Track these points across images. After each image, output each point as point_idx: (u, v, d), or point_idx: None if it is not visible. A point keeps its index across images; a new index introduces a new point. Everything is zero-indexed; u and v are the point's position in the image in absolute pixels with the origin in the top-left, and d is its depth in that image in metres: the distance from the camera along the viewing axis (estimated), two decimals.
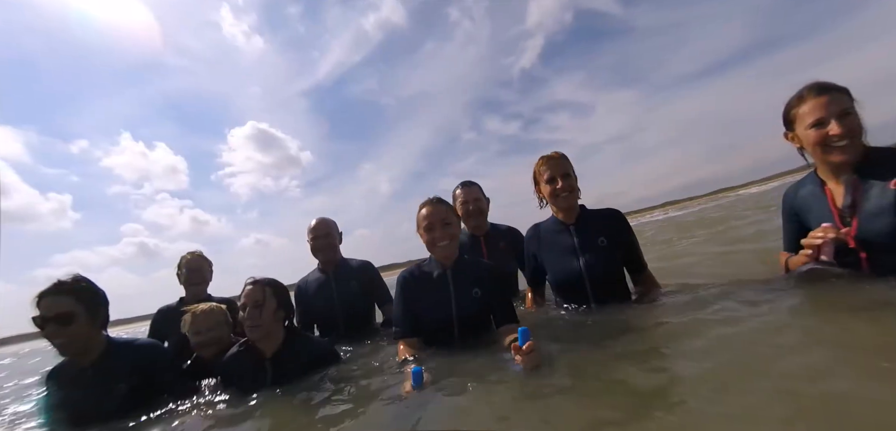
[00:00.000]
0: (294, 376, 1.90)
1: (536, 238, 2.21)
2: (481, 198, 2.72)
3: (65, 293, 1.75)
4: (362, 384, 1.93)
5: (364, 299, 2.84)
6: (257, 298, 1.88)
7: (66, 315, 1.73)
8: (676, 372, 1.32)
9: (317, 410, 1.62)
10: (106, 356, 1.87)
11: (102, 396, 1.82)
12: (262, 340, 1.92)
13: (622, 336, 1.69)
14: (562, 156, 2.06)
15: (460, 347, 1.92)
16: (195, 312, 2.27)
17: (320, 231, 2.80)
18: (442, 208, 1.98)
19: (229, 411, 1.82)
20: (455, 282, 1.96)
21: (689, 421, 1.02)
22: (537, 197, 2.17)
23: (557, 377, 1.45)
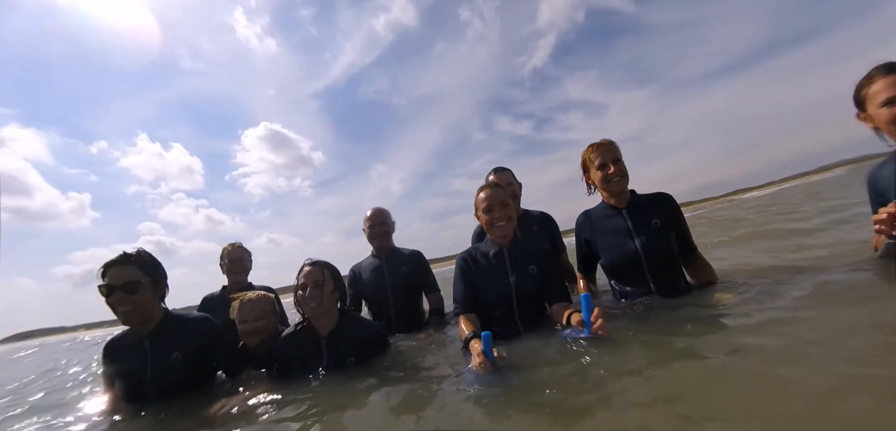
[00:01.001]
0: (348, 355, 1.96)
1: (588, 223, 2.24)
2: (514, 183, 2.81)
3: (131, 263, 1.86)
4: (421, 364, 2.03)
5: (414, 285, 2.96)
6: (317, 278, 1.96)
7: (132, 283, 1.83)
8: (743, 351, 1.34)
9: (377, 391, 1.67)
10: (162, 327, 1.95)
11: (159, 366, 1.89)
12: (320, 319, 2.00)
13: (687, 321, 1.71)
14: (611, 142, 2.11)
15: (520, 323, 2.01)
16: (243, 300, 2.32)
17: (377, 219, 2.95)
18: (500, 191, 2.09)
19: (284, 391, 1.89)
20: (512, 260, 2.06)
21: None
22: (586, 183, 2.23)
23: (620, 356, 1.49)
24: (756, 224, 6.09)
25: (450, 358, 2.01)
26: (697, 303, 1.89)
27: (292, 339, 2.04)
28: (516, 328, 2.00)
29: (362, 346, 2.02)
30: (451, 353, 2.12)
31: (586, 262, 2.31)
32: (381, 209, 3.01)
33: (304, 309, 1.98)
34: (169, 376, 1.89)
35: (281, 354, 2.03)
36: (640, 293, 2.04)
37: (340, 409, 1.58)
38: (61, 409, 2.29)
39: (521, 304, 2.01)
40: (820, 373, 1.11)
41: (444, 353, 2.15)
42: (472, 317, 2.01)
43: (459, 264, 2.15)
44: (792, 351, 1.28)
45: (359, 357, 1.98)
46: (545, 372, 1.49)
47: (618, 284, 2.16)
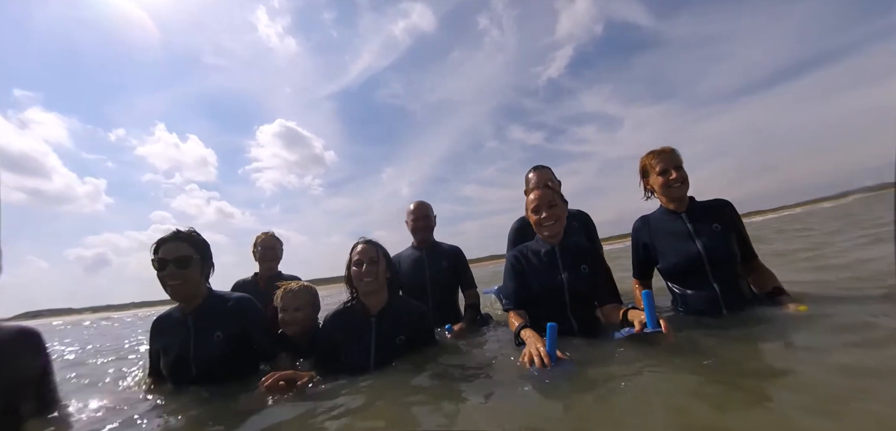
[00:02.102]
0: (397, 334, 1.96)
1: (646, 227, 2.23)
2: (554, 181, 2.82)
3: (183, 239, 1.90)
4: (468, 352, 2.04)
5: (452, 279, 2.98)
6: (372, 255, 1.98)
7: (184, 258, 1.87)
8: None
9: (431, 376, 1.67)
10: (206, 305, 1.98)
11: (201, 344, 1.92)
12: (371, 297, 2.00)
13: (761, 332, 1.66)
14: (673, 149, 2.13)
15: (574, 319, 2.02)
16: (286, 289, 2.35)
17: (420, 212, 2.99)
18: (548, 192, 2.13)
19: (335, 366, 1.91)
20: (563, 259, 2.08)
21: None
22: (644, 189, 2.25)
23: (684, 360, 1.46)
24: (767, 239, 5.94)
25: (495, 348, 2.05)
26: (770, 314, 1.84)
27: (342, 316, 2.04)
28: (570, 324, 2.00)
29: (411, 327, 2.01)
30: (492, 344, 2.16)
31: (643, 267, 2.29)
32: (425, 203, 3.04)
33: (358, 285, 1.98)
34: (211, 353, 1.91)
35: (331, 330, 2.04)
36: (703, 296, 1.99)
37: (396, 390, 1.57)
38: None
39: (574, 302, 2.02)
40: None
41: (486, 344, 2.19)
42: (521, 313, 2.04)
43: (510, 261, 2.18)
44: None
45: (408, 337, 1.97)
46: (602, 370, 1.47)
47: (679, 287, 2.12)
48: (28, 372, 1.47)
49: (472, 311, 2.90)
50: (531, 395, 1.38)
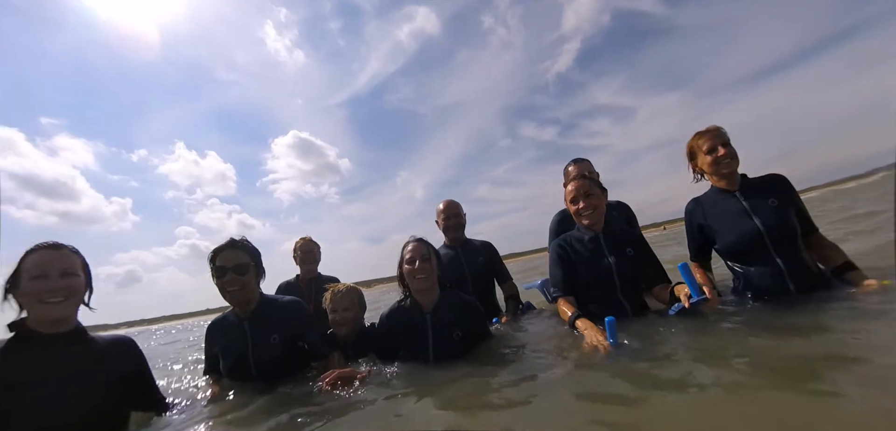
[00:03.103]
0: (453, 329, 1.96)
1: (699, 208, 2.17)
2: (593, 172, 2.79)
3: (239, 248, 1.96)
4: (522, 344, 2.01)
5: (489, 273, 2.98)
6: (424, 253, 2.00)
7: (242, 265, 1.93)
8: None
9: (492, 370, 1.64)
10: (260, 310, 2.03)
11: (259, 347, 1.97)
12: (425, 294, 2.02)
13: (845, 314, 1.56)
14: (719, 127, 2.09)
15: (625, 302, 2.01)
16: (335, 291, 2.39)
17: (451, 211, 2.99)
18: (585, 182, 2.14)
19: (395, 363, 1.91)
20: (607, 244, 2.09)
21: None
22: (693, 171, 2.21)
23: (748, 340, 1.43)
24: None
25: (545, 338, 2.04)
26: (844, 292, 1.76)
27: (398, 314, 2.06)
28: (622, 307, 2.00)
29: (466, 321, 2.02)
30: (541, 334, 2.16)
31: (700, 249, 2.24)
32: (455, 201, 3.05)
33: (411, 282, 2.00)
34: (268, 356, 1.96)
35: (388, 328, 2.06)
36: (767, 272, 1.93)
37: (457, 384, 1.55)
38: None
39: (623, 284, 2.03)
40: None
41: (535, 334, 2.18)
42: (571, 299, 2.05)
43: (555, 250, 2.18)
44: None
45: (464, 331, 1.97)
46: (663, 355, 1.43)
47: (741, 266, 2.05)
48: (126, 374, 1.57)
49: (513, 302, 2.92)
50: (591, 384, 1.36)
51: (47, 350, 1.37)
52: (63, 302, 1.37)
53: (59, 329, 1.40)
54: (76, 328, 1.46)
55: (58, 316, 1.38)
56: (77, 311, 1.46)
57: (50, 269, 1.36)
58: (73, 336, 1.44)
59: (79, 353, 1.43)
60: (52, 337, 1.38)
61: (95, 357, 1.47)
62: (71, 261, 1.42)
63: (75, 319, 1.46)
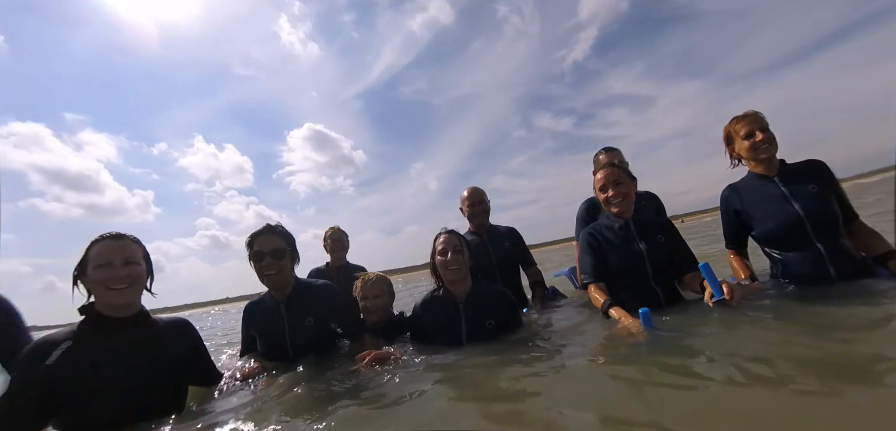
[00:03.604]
0: (486, 318, 2.00)
1: (736, 194, 2.15)
2: (622, 161, 2.79)
3: (276, 233, 2.04)
4: (556, 331, 2.04)
5: (514, 260, 3.00)
6: (456, 244, 2.04)
7: (279, 250, 2.02)
8: None
9: (527, 357, 1.65)
10: (295, 293, 2.11)
11: (295, 328, 2.05)
12: (458, 284, 2.06)
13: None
14: (757, 111, 2.07)
15: (657, 288, 2.01)
16: (365, 279, 2.46)
17: (476, 197, 3.00)
18: (614, 170, 2.14)
19: (430, 351, 1.94)
20: (638, 230, 2.09)
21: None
22: (729, 157, 2.19)
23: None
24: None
25: (579, 327, 2.04)
26: (888, 283, 1.71)
27: (431, 304, 2.11)
28: (654, 294, 2.00)
29: (499, 310, 2.05)
30: (573, 321, 2.17)
31: (737, 236, 2.22)
32: (479, 188, 3.07)
33: (444, 273, 2.04)
34: (304, 337, 2.05)
35: (422, 318, 2.11)
36: (807, 258, 1.91)
37: (492, 369, 1.58)
38: None
39: (655, 271, 2.03)
40: None
41: (566, 321, 2.20)
42: (602, 286, 2.06)
43: (585, 238, 2.19)
44: None
45: (497, 321, 2.01)
46: (699, 346, 1.42)
47: (780, 252, 2.03)
48: (185, 352, 1.69)
49: (540, 289, 2.95)
50: (627, 373, 1.35)
51: (115, 332, 1.47)
52: (127, 288, 1.46)
53: (125, 313, 1.50)
54: (140, 312, 1.56)
55: (122, 302, 1.47)
56: (140, 296, 1.56)
57: (113, 258, 1.46)
58: (138, 319, 1.54)
59: (143, 335, 1.54)
60: (118, 321, 1.48)
61: (158, 338, 1.58)
62: (132, 251, 1.51)
63: (139, 304, 1.56)
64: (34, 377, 1.33)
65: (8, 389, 1.33)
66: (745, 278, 2.14)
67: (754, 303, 1.78)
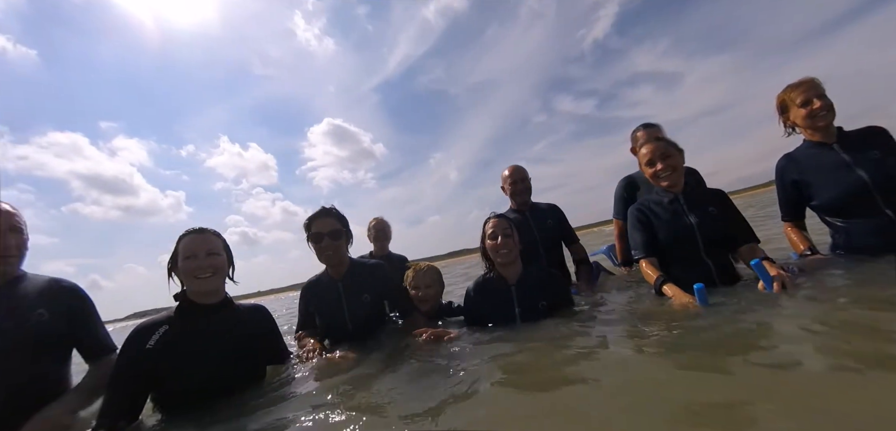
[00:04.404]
0: (538, 300, 2.04)
1: (793, 164, 2.10)
2: (663, 138, 2.70)
3: (332, 215, 2.17)
4: (606, 311, 2.04)
5: (558, 235, 3.00)
6: (506, 228, 2.07)
7: (337, 231, 2.14)
8: None
9: (584, 338, 1.66)
10: (351, 272, 2.23)
11: (353, 305, 2.18)
12: (508, 267, 2.09)
13: None
14: (814, 78, 2.01)
15: (709, 261, 1.98)
16: (418, 268, 2.54)
17: (518, 175, 3.01)
18: (661, 144, 2.11)
19: (485, 333, 1.99)
20: (688, 203, 2.06)
21: None
22: (784, 125, 2.15)
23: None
24: None
25: (631, 305, 2.05)
26: None
27: (484, 288, 2.16)
28: (706, 267, 1.98)
29: (551, 291, 2.09)
30: (625, 301, 2.17)
31: (794, 207, 2.17)
32: (520, 166, 3.07)
33: (495, 256, 2.08)
34: (362, 312, 2.18)
35: (475, 302, 2.16)
36: (874, 225, 1.85)
37: (547, 347, 1.60)
38: None
39: (707, 244, 2.00)
40: None
41: (619, 301, 2.19)
42: (654, 261, 2.06)
43: (634, 214, 2.18)
44: None
45: (550, 302, 2.04)
46: (758, 325, 1.38)
47: (842, 221, 1.98)
48: (263, 333, 1.85)
49: (585, 267, 2.93)
50: (684, 353, 1.33)
51: (205, 318, 1.63)
52: (211, 277, 1.61)
53: (211, 300, 1.65)
54: (225, 298, 1.72)
55: (208, 289, 1.62)
56: (223, 284, 1.70)
57: (198, 250, 1.60)
58: (223, 305, 1.70)
59: (228, 319, 1.69)
60: (207, 307, 1.64)
61: (241, 322, 1.73)
62: (213, 243, 1.66)
63: (223, 291, 1.71)
64: (137, 358, 1.50)
65: (115, 369, 1.51)
66: (805, 250, 2.09)
67: (818, 277, 1.75)
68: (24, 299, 1.52)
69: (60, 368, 1.61)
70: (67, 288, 1.66)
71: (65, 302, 1.62)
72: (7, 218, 1.51)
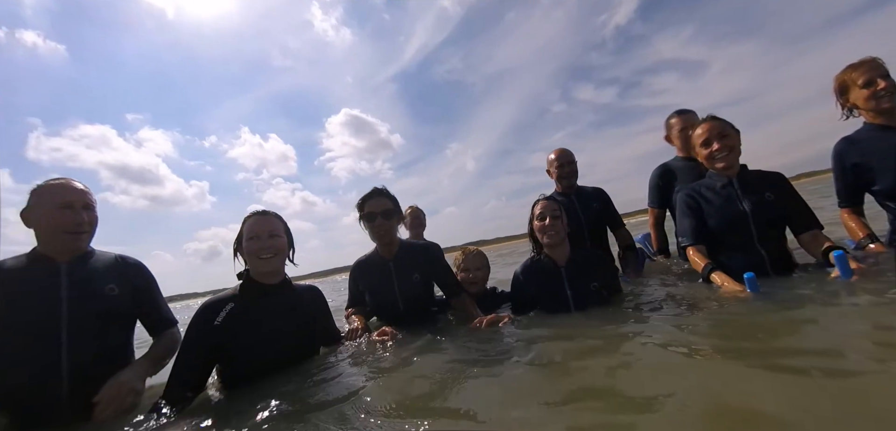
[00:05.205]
0: (589, 279, 2.02)
1: (853, 147, 2.03)
2: (698, 124, 2.63)
3: (385, 195, 2.19)
4: (655, 294, 2.03)
5: (602, 221, 2.97)
6: (555, 210, 2.07)
7: (389, 211, 2.18)
8: None
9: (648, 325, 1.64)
10: (401, 252, 2.27)
11: (403, 283, 2.22)
12: (557, 249, 2.08)
13: None
14: (876, 57, 1.94)
15: (762, 249, 1.93)
16: (468, 251, 2.58)
17: (564, 158, 2.96)
18: (718, 123, 2.03)
19: (540, 315, 2.00)
20: (742, 189, 1.99)
21: None
22: (842, 108, 2.07)
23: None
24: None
25: (680, 292, 2.01)
26: None
27: (533, 269, 2.15)
28: (759, 256, 1.93)
29: (600, 273, 2.08)
30: (674, 288, 2.13)
31: (854, 192, 2.10)
32: (567, 149, 3.03)
33: (543, 238, 2.06)
34: (412, 292, 2.22)
35: (525, 284, 2.16)
36: None
37: (601, 335, 1.58)
38: None
39: (760, 231, 1.94)
40: None
41: (667, 289, 2.15)
42: (702, 249, 2.01)
43: (683, 199, 2.14)
44: None
45: (602, 282, 2.04)
46: (811, 319, 1.34)
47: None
48: (318, 313, 1.91)
49: (632, 254, 2.88)
50: (735, 343, 1.29)
51: (267, 297, 1.67)
52: (272, 257, 1.65)
53: (273, 280, 1.70)
54: (285, 279, 1.76)
55: (270, 269, 1.66)
56: (284, 265, 1.75)
57: (260, 231, 1.65)
58: (284, 285, 1.74)
59: (289, 298, 1.74)
60: (268, 287, 1.68)
61: (300, 301, 1.78)
62: (275, 225, 1.69)
63: (284, 272, 1.75)
64: (206, 333, 1.55)
65: (184, 342, 1.58)
66: (864, 237, 2.02)
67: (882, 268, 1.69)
68: (95, 273, 1.58)
69: (125, 340, 1.67)
70: (133, 265, 1.72)
71: (132, 278, 1.68)
72: (80, 195, 1.56)
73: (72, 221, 1.52)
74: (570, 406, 1.03)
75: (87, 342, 1.49)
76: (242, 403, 1.40)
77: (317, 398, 1.34)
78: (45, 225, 1.51)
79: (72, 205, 1.53)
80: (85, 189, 1.60)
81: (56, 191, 1.53)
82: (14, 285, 1.45)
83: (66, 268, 1.52)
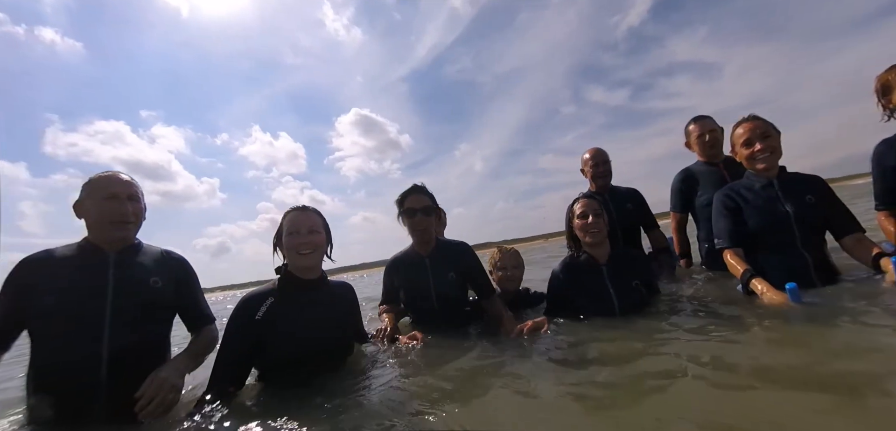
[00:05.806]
0: (631, 278, 2.00)
1: (893, 149, 1.97)
2: (716, 129, 2.74)
3: (424, 192, 2.20)
4: (696, 299, 2.01)
5: (636, 222, 2.94)
6: (596, 208, 2.03)
7: (427, 207, 2.18)
8: None
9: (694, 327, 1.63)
10: (437, 250, 2.27)
11: (439, 281, 2.22)
12: (597, 247, 2.05)
13: None
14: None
15: (806, 253, 1.88)
16: (504, 250, 2.58)
17: (599, 158, 2.96)
18: (761, 123, 2.01)
19: (584, 315, 1.98)
20: (783, 191, 1.96)
21: None
22: (884, 109, 2.00)
23: None
24: None
25: (720, 298, 1.98)
26: None
27: (572, 268, 2.11)
28: (803, 260, 1.89)
29: (641, 272, 2.06)
30: (712, 293, 2.10)
31: (892, 193, 2.03)
32: (602, 149, 3.00)
33: (586, 236, 2.02)
34: (446, 290, 2.22)
35: (564, 283, 2.11)
36: None
37: (648, 340, 1.55)
38: None
39: (804, 235, 1.90)
40: None
41: (706, 293, 2.13)
42: (739, 252, 1.97)
43: (721, 199, 2.10)
44: None
45: (643, 282, 2.01)
46: (859, 327, 1.31)
47: None
48: (352, 310, 1.92)
49: (666, 256, 2.85)
50: (777, 353, 1.28)
51: (306, 291, 1.67)
52: (311, 253, 1.64)
53: (310, 275, 1.69)
54: (322, 274, 1.76)
55: (308, 265, 1.66)
56: (322, 261, 1.74)
57: (300, 227, 1.64)
58: (321, 281, 1.74)
59: (325, 293, 1.74)
60: (306, 282, 1.68)
61: (335, 297, 1.79)
62: (314, 221, 1.69)
63: (321, 268, 1.75)
64: (246, 326, 1.55)
65: (224, 337, 1.57)
66: None
67: None
68: (141, 265, 1.58)
69: (164, 333, 1.67)
70: (177, 260, 1.72)
71: (175, 272, 1.68)
72: (126, 186, 1.57)
73: (117, 211, 1.53)
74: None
75: (128, 332, 1.49)
76: (282, 398, 1.40)
77: (353, 395, 1.36)
78: (94, 215, 1.52)
79: (117, 195, 1.53)
80: (130, 180, 1.61)
81: (102, 183, 1.54)
82: (65, 273, 1.46)
83: (114, 258, 1.53)
